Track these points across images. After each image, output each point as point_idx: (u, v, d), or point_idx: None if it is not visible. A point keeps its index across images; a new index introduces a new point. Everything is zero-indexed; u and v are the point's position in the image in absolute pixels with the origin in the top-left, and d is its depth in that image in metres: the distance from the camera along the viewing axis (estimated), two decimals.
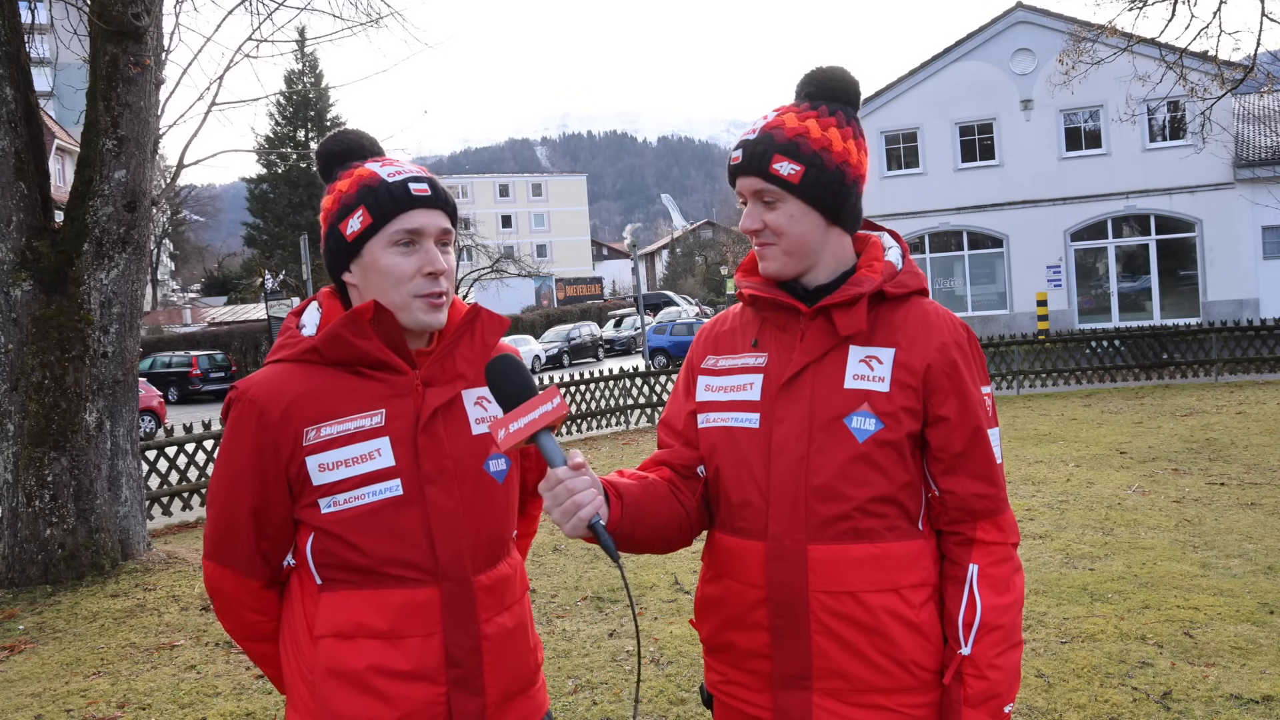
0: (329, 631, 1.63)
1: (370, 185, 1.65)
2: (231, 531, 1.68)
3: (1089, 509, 7.44)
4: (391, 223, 1.64)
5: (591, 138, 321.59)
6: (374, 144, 1.78)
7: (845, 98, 1.73)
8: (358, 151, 1.75)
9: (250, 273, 51.45)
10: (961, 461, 1.66)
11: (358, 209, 1.64)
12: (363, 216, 1.64)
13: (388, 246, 1.64)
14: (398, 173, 1.68)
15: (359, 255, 1.66)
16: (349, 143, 1.76)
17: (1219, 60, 15.51)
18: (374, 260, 1.65)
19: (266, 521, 1.67)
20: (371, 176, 1.66)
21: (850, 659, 1.63)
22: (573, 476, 1.51)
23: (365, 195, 1.64)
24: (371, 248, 1.65)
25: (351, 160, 1.74)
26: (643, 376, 16.10)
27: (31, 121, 7.28)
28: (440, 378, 1.70)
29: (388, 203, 1.64)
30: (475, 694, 1.67)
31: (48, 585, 7.00)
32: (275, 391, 1.64)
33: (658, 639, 5.07)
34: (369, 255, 1.65)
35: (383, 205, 1.63)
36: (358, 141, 1.76)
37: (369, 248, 1.65)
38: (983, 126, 26.12)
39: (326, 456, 1.62)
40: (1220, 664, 4.25)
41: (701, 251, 74.36)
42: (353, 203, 1.65)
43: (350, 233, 1.65)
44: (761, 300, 1.75)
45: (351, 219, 1.64)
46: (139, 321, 7.75)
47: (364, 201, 1.64)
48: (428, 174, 1.71)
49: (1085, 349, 17.13)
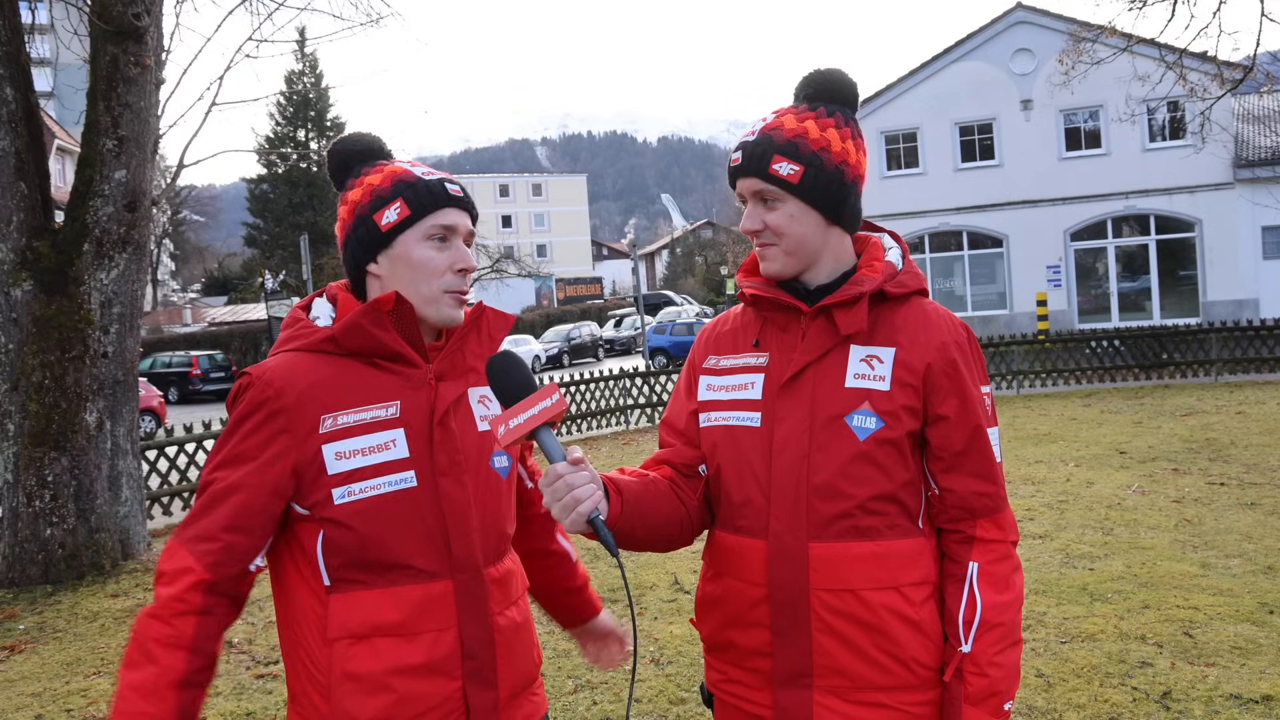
0: (343, 634, 1.61)
1: (407, 180, 1.70)
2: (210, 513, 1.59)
3: (1089, 509, 7.45)
4: (429, 217, 1.68)
5: (591, 138, 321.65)
6: (388, 147, 1.83)
7: (843, 99, 1.74)
8: (378, 153, 1.79)
9: (250, 273, 51.48)
10: (961, 460, 1.67)
11: (395, 201, 1.68)
12: (400, 209, 1.67)
13: (422, 240, 1.68)
14: (430, 172, 1.74)
15: (389, 247, 1.68)
16: (370, 143, 1.80)
17: (1219, 60, 15.53)
18: (406, 252, 1.67)
19: (253, 510, 1.60)
20: (406, 173, 1.71)
21: (851, 657, 1.64)
22: (572, 472, 1.51)
23: (403, 189, 1.68)
24: (405, 240, 1.68)
25: (372, 159, 1.77)
26: (643, 376, 16.10)
27: (31, 121, 7.29)
28: (452, 372, 1.72)
29: (426, 198, 1.68)
30: (490, 687, 1.67)
31: (48, 585, 7.01)
32: (292, 376, 1.63)
33: (658, 639, 5.07)
34: (401, 247, 1.68)
35: (421, 200, 1.68)
36: (377, 143, 1.81)
37: (402, 240, 1.68)
38: (983, 126, 26.12)
39: (343, 445, 1.61)
40: (1220, 664, 4.25)
41: (701, 251, 74.36)
42: (388, 195, 1.68)
43: (386, 223, 1.67)
44: (763, 300, 1.76)
45: (388, 210, 1.68)
46: (139, 321, 7.75)
47: (402, 195, 1.68)
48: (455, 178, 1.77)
49: (1085, 349, 17.13)
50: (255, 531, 1.61)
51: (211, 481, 1.62)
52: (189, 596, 1.56)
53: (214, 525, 1.59)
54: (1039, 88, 24.84)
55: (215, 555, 1.58)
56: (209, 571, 1.57)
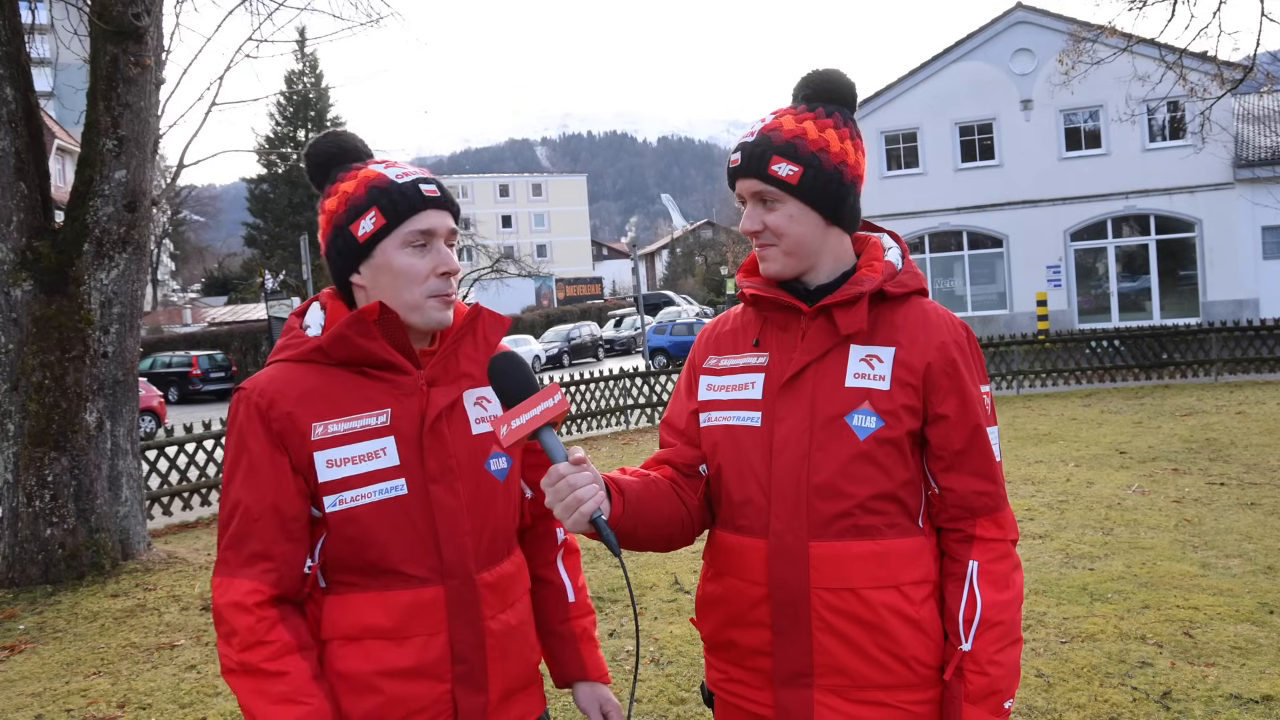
0: (335, 634, 1.63)
1: (380, 186, 1.65)
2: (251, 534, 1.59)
3: (1089, 509, 7.45)
4: (405, 224, 1.64)
5: (591, 138, 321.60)
6: (366, 146, 1.78)
7: (841, 99, 1.74)
8: (354, 154, 1.75)
9: (250, 273, 51.46)
10: (961, 459, 1.67)
11: (369, 210, 1.64)
12: (375, 218, 1.64)
13: (401, 247, 1.65)
14: (405, 174, 1.68)
15: (370, 257, 1.66)
16: (345, 144, 1.75)
17: (1219, 60, 15.53)
18: (387, 261, 1.65)
19: (289, 518, 1.60)
20: (379, 178, 1.66)
21: (852, 656, 1.64)
22: (574, 472, 1.52)
23: (377, 197, 1.65)
24: (384, 249, 1.65)
25: (348, 162, 1.73)
26: (643, 376, 16.10)
27: (31, 121, 7.29)
28: (444, 377, 1.71)
29: (401, 204, 1.64)
30: (479, 690, 1.68)
31: (48, 585, 7.01)
32: (282, 387, 1.63)
33: (658, 639, 5.08)
34: (381, 256, 1.65)
35: (397, 206, 1.64)
36: (352, 143, 1.76)
37: (381, 249, 1.65)
38: (983, 126, 26.12)
39: (334, 453, 1.62)
40: (1220, 664, 4.25)
41: (701, 251, 74.32)
42: (363, 204, 1.65)
43: (362, 234, 1.64)
44: (763, 300, 1.76)
45: (363, 220, 1.64)
46: (139, 321, 7.75)
47: (376, 203, 1.64)
48: (431, 175, 1.72)
49: (1085, 349, 17.12)
50: (299, 536, 1.62)
51: (239, 503, 1.61)
52: (266, 613, 1.57)
53: (262, 543, 1.59)
54: (1039, 88, 24.84)
55: (276, 571, 1.59)
56: (274, 587, 1.59)
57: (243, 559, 1.59)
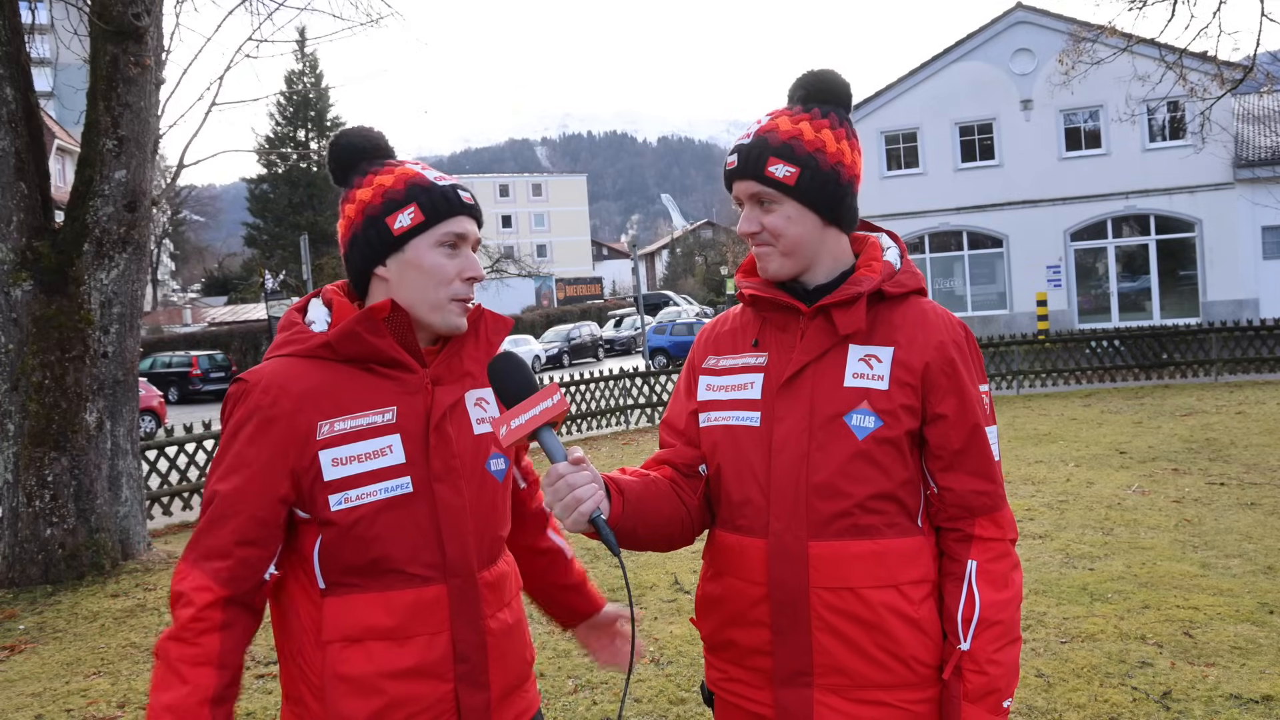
0: (336, 636, 1.62)
1: (421, 185, 1.68)
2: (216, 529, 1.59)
3: (1089, 509, 7.45)
4: (443, 224, 1.67)
5: (591, 138, 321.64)
6: (391, 146, 1.81)
7: (837, 100, 1.74)
8: (383, 150, 1.77)
9: (250, 273, 51.46)
10: (960, 459, 1.68)
11: (409, 206, 1.67)
12: (414, 214, 1.66)
13: (435, 246, 1.67)
14: (441, 177, 1.72)
15: (401, 251, 1.67)
16: (375, 140, 1.77)
17: (1219, 60, 15.54)
18: (418, 258, 1.67)
19: (260, 521, 1.60)
20: (419, 177, 1.70)
21: (851, 655, 1.64)
22: (573, 471, 1.52)
23: (417, 194, 1.67)
24: (417, 245, 1.67)
25: (378, 157, 1.75)
26: (643, 376, 16.10)
27: (31, 121, 7.30)
28: (448, 376, 1.72)
29: (441, 204, 1.68)
30: (481, 689, 1.68)
31: (48, 585, 7.01)
32: (287, 382, 1.62)
33: (658, 639, 5.08)
34: (413, 252, 1.67)
35: (436, 206, 1.67)
36: (382, 140, 1.79)
37: (414, 245, 1.67)
38: (982, 126, 26.13)
39: (340, 451, 1.61)
40: (1220, 664, 4.25)
41: (701, 251, 74.36)
42: (402, 199, 1.67)
43: (399, 227, 1.66)
44: (762, 300, 1.76)
45: (402, 214, 1.66)
46: (139, 321, 7.76)
47: (416, 199, 1.67)
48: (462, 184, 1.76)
49: (1085, 349, 17.13)
50: (266, 541, 1.61)
51: (216, 495, 1.60)
52: (208, 614, 1.56)
53: (225, 540, 1.58)
54: (1039, 88, 24.84)
55: (230, 570, 1.58)
56: (225, 587, 1.57)
57: (202, 551, 1.59)
